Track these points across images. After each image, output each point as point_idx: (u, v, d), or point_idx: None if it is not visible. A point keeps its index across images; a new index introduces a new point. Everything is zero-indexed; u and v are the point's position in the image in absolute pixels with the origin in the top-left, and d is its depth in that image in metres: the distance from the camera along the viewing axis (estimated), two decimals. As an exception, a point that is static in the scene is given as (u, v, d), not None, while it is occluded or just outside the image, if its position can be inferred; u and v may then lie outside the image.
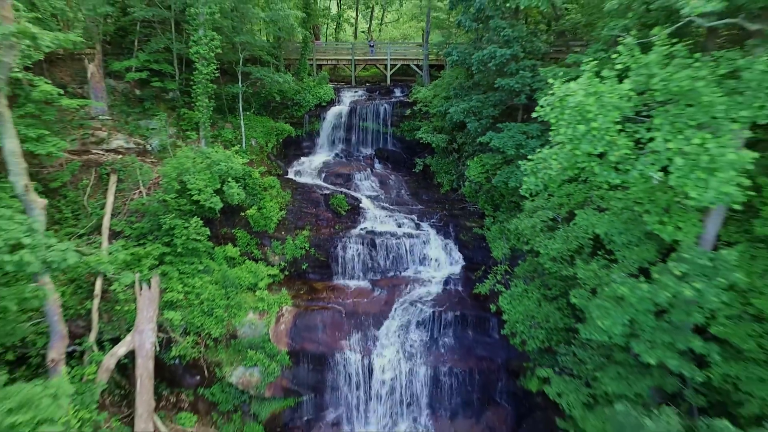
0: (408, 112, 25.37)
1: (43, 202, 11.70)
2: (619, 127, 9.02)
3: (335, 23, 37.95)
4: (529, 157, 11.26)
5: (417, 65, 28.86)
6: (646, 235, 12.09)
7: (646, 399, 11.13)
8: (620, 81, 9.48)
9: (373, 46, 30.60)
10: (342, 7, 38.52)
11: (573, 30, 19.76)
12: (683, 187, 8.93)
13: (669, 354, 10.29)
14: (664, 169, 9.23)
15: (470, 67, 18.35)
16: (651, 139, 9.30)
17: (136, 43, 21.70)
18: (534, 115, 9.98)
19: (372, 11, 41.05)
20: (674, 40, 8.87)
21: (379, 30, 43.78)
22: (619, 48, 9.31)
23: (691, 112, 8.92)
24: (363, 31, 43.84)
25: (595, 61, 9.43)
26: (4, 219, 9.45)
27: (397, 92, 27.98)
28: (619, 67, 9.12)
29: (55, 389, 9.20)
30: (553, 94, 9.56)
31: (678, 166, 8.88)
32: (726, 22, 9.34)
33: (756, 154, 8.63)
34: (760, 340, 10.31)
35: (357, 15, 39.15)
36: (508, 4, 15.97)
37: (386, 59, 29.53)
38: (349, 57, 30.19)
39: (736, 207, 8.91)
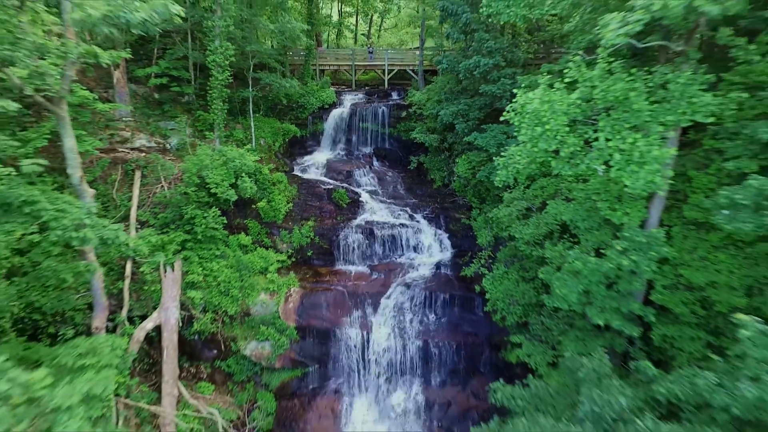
0: (404, 113, 27.48)
1: (92, 191, 13.83)
2: (568, 128, 11.14)
3: (336, 30, 40.10)
4: (501, 153, 13.39)
5: (413, 70, 30.95)
6: (604, 220, 14.18)
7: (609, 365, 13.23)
8: (572, 91, 11.62)
9: (372, 52, 32.72)
10: (343, 15, 40.67)
11: (552, 39, 21.89)
12: (621, 178, 11.05)
13: (614, 316, 12.42)
14: (608, 164, 11.36)
15: (459, 74, 20.47)
16: (596, 139, 11.43)
17: (155, 52, 23.83)
18: (501, 118, 12.10)
19: (371, 19, 43.22)
20: (611, 59, 10.95)
21: (378, 36, 45.93)
22: (570, 64, 11.43)
23: (626, 116, 11.04)
24: (363, 34, 45.94)
25: (549, 76, 11.52)
26: (68, 204, 11.57)
27: (394, 95, 30.09)
28: (567, 80, 11.23)
29: (111, 341, 11.33)
30: (516, 102, 11.69)
31: (616, 161, 11.00)
32: (655, 44, 11.41)
33: (674, 151, 10.76)
34: (691, 307, 12.43)
35: (357, 22, 41.26)
36: (490, 20, 18.05)
37: (384, 64, 31.65)
38: (350, 62, 32.33)
39: (661, 193, 11.02)
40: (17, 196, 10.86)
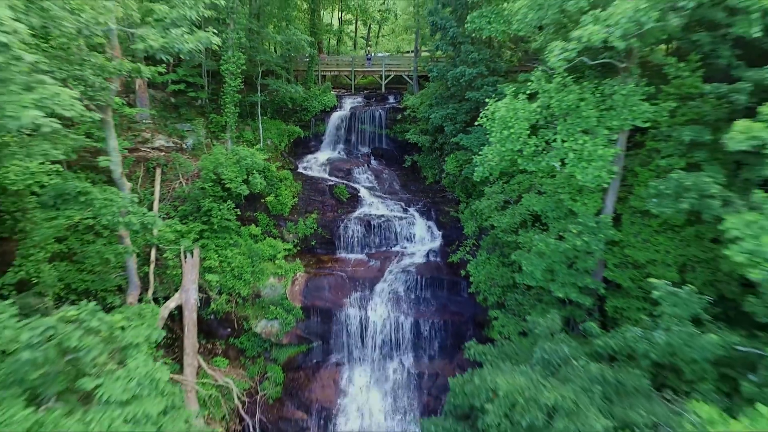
0: (399, 116, 29.77)
1: (129, 184, 16.13)
2: (529, 132, 13.45)
3: (337, 37, 42.42)
4: (479, 153, 15.69)
5: (408, 76, 33.20)
6: (569, 210, 16.45)
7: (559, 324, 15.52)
8: (534, 101, 13.93)
9: (370, 59, 35.01)
10: (343, 22, 43.00)
11: (531, 50, 24.16)
12: (574, 173, 13.35)
13: (572, 290, 14.73)
14: (563, 161, 13.64)
15: (447, 81, 22.75)
16: (555, 140, 13.73)
17: (172, 60, 26.07)
18: (476, 123, 14.41)
19: (369, 27, 45.58)
20: (565, 74, 13.23)
21: (376, 43, 48.28)
22: (532, 78, 13.74)
23: (578, 121, 13.35)
24: (362, 37, 48.20)
25: (514, 88, 13.83)
26: (114, 194, 13.88)
27: (391, 99, 32.39)
28: (529, 91, 13.53)
29: (151, 308, 13.63)
30: (488, 109, 14.00)
31: (570, 159, 13.31)
32: (603, 62, 13.67)
33: (618, 150, 13.08)
34: (638, 282, 14.72)
35: (356, 30, 43.61)
36: (474, 34, 20.35)
37: (381, 70, 33.94)
38: (350, 68, 34.65)
39: (606, 185, 13.31)
40: (74, 187, 13.21)
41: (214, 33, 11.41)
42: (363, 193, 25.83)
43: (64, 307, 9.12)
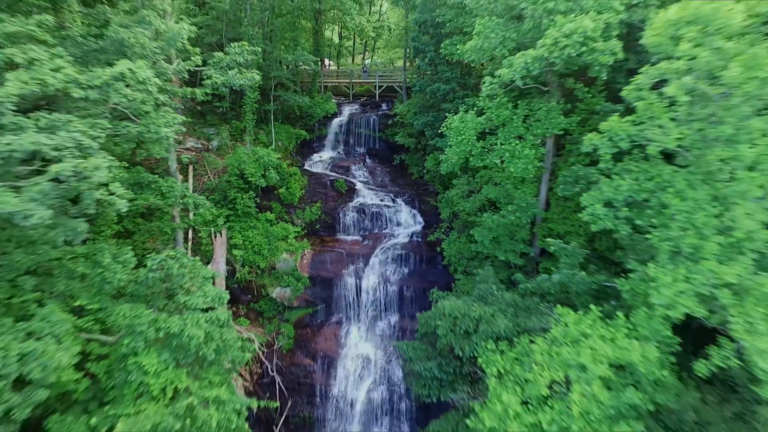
0: (390, 121, 34.88)
1: (181, 177, 21.20)
2: (476, 138, 18.56)
3: (337, 51, 47.54)
4: (445, 153, 20.79)
5: (398, 86, 38.33)
6: (515, 197, 21.52)
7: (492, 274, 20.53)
8: (481, 115, 19.06)
9: (366, 71, 40.10)
10: (342, 38, 48.16)
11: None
12: (509, 167, 18.47)
13: (511, 254, 19.84)
14: (502, 159, 18.75)
15: (427, 94, 27.84)
16: (496, 143, 18.84)
17: (198, 75, 31.14)
18: (439, 131, 19.53)
19: (365, 44, 50.77)
20: (502, 96, 18.33)
21: (372, 56, 53.49)
22: (481, 96, 18.84)
23: (512, 130, 18.48)
24: (361, 43, 53.23)
25: (465, 106, 18.93)
26: (174, 182, 18.96)
27: (384, 107, 37.50)
28: (477, 108, 18.64)
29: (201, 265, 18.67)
30: (447, 121, 19.11)
31: (507, 157, 18.45)
32: (533, 86, 18.73)
33: (541, 150, 18.22)
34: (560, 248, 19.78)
35: (354, 44, 48.77)
36: (447, 58, 25.44)
37: (375, 81, 39.06)
38: (348, 80, 39.74)
39: (530, 176, 18.39)
40: (147, 177, 18.31)
41: (257, 73, 16.44)
42: (359, 186, 30.92)
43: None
